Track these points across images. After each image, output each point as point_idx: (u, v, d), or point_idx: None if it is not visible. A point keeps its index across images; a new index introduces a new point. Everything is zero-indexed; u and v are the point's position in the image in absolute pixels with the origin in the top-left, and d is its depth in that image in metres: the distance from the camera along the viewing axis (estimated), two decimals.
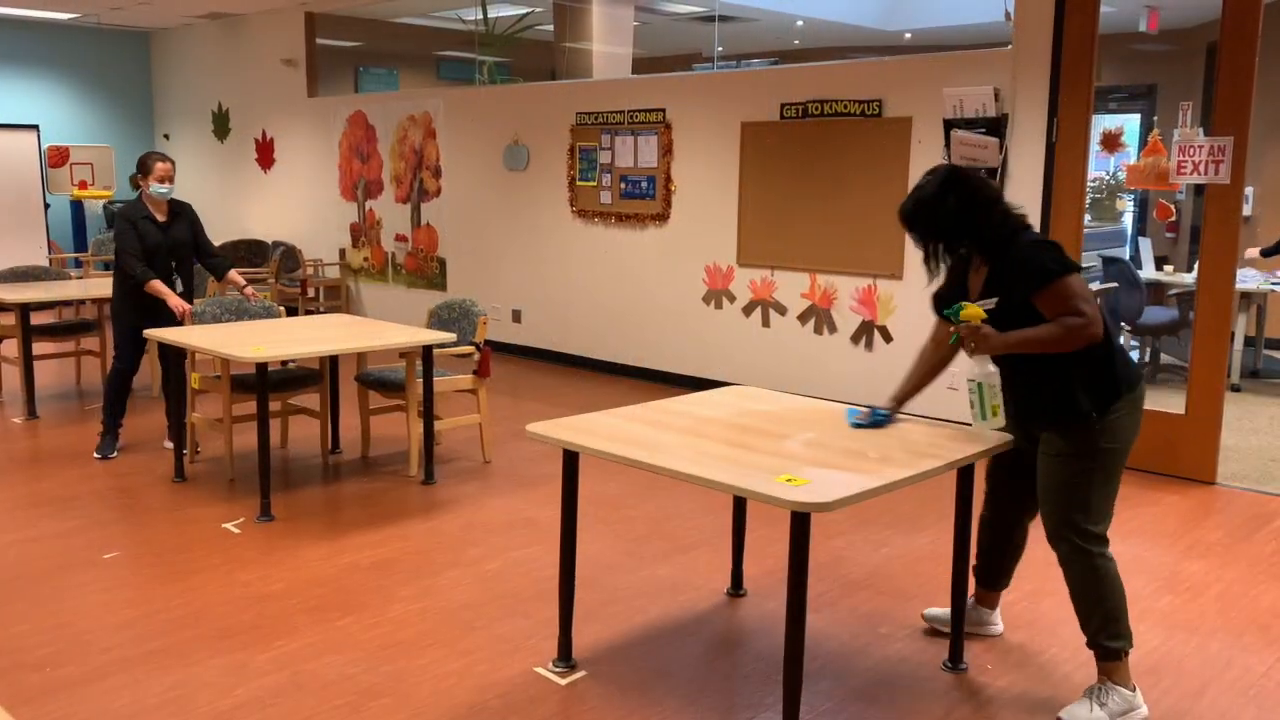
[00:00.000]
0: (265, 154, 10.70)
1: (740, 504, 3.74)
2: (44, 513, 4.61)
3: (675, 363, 7.44)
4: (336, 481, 5.17)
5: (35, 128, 10.97)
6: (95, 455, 5.44)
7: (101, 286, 6.51)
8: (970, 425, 3.09)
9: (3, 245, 10.46)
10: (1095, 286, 7.46)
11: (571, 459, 3.12)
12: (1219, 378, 5.18)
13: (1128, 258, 7.89)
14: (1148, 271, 7.85)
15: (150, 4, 9.91)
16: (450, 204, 8.91)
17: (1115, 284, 7.36)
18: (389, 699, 3.03)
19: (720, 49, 8.30)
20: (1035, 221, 5.59)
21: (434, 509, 4.74)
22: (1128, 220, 10.00)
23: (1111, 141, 5.79)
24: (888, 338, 6.30)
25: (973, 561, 3.40)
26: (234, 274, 5.61)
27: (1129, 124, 9.98)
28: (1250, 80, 4.91)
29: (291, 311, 9.37)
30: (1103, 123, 5.77)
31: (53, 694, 3.03)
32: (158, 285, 5.28)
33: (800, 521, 2.58)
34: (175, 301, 5.28)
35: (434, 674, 3.18)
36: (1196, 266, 5.26)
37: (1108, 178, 9.80)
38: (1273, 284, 7.46)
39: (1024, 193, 5.64)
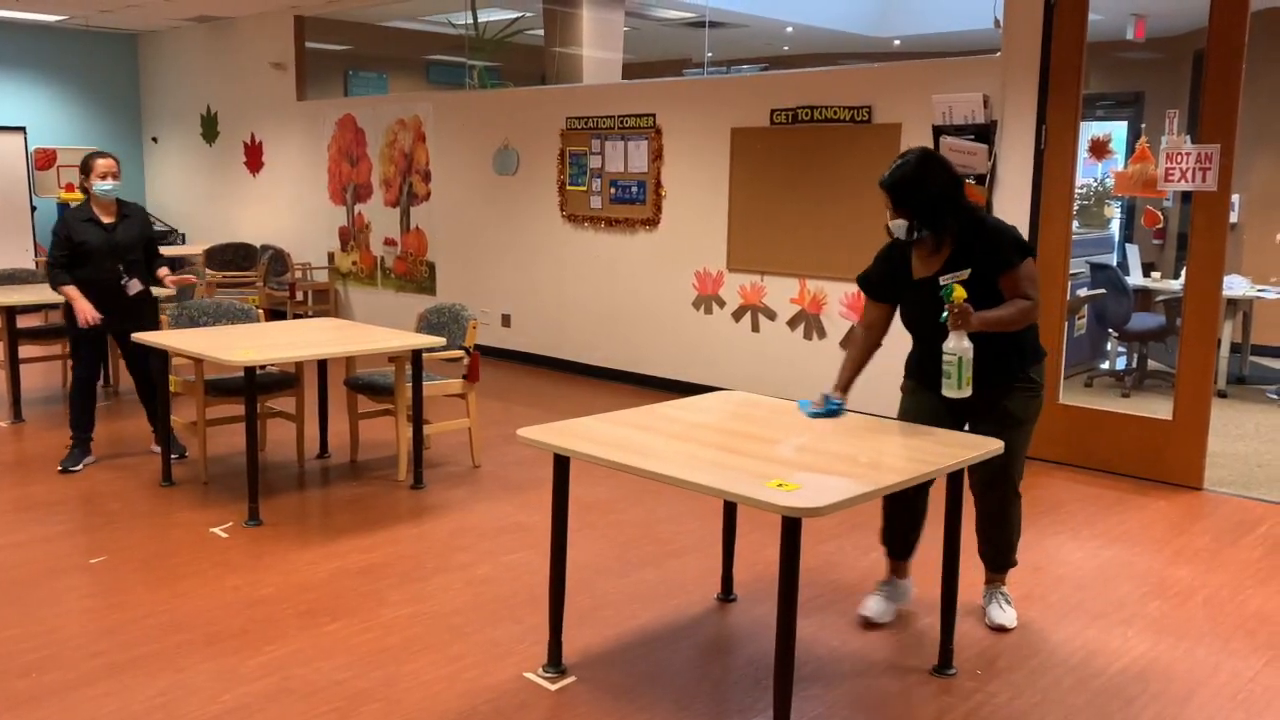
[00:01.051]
0: (254, 157, 10.67)
1: (730, 509, 3.74)
2: (30, 517, 4.58)
3: (665, 368, 7.45)
4: (325, 486, 5.15)
5: (22, 130, 10.92)
6: (73, 468, 5.24)
7: None
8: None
9: None
10: (1083, 293, 7.49)
11: (562, 464, 3.11)
12: (1206, 384, 5.21)
13: (1115, 264, 7.92)
14: (1135, 278, 7.89)
15: (139, 6, 9.88)
16: (440, 208, 8.90)
17: (1103, 290, 7.39)
18: (379, 704, 3.02)
19: (710, 55, 8.31)
20: (1024, 228, 5.63)
21: (423, 514, 4.72)
22: (1115, 227, 10.05)
23: (1099, 148, 5.81)
24: None
25: (881, 537, 3.71)
26: (161, 270, 5.42)
27: (1117, 131, 10.03)
28: (1237, 88, 4.94)
29: (280, 315, 9.37)
30: (1090, 130, 5.80)
31: (39, 700, 3.01)
32: (68, 290, 5.16)
33: (791, 526, 2.58)
34: (81, 306, 5.12)
35: (424, 679, 3.17)
36: (1184, 273, 5.29)
37: (1096, 184, 9.85)
38: (1259, 291, 7.51)
39: (1013, 199, 5.66)
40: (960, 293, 3.05)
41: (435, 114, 8.81)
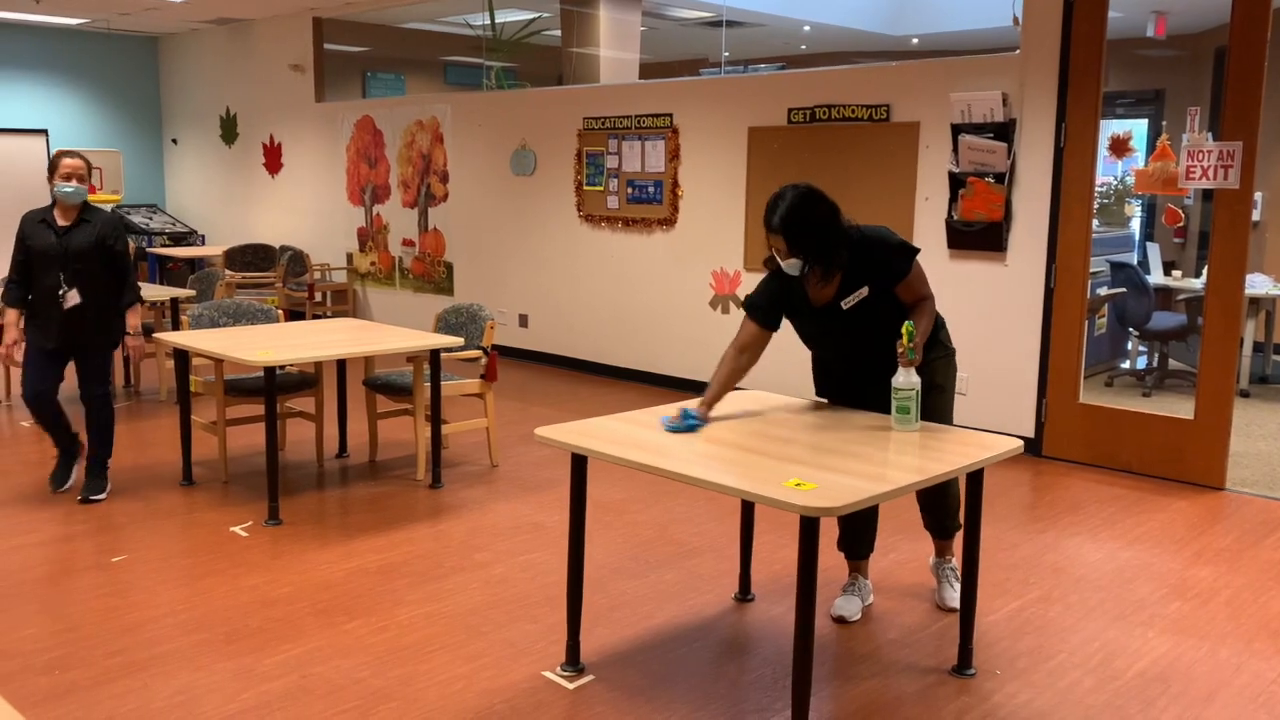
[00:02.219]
0: (273, 159, 10.73)
1: (748, 508, 3.73)
2: (51, 516, 4.62)
3: (682, 367, 7.44)
4: (344, 485, 5.17)
5: (44, 132, 11.02)
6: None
7: None
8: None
9: (11, 249, 10.49)
10: (1103, 291, 7.44)
11: (580, 463, 3.11)
12: (1228, 383, 5.17)
13: (1136, 263, 7.87)
14: (1156, 276, 7.83)
15: (159, 9, 9.95)
16: (457, 209, 8.92)
17: (1123, 289, 7.35)
18: (396, 703, 3.03)
19: (727, 54, 8.30)
20: (1044, 226, 5.60)
21: (441, 513, 4.74)
22: (1136, 225, 9.98)
23: (1120, 146, 5.78)
24: None
25: (837, 543, 3.76)
26: (130, 317, 4.80)
27: (1137, 129, 9.97)
28: (1259, 85, 4.90)
29: (298, 315, 9.41)
30: (1111, 127, 5.76)
31: (60, 698, 3.04)
32: (7, 312, 4.75)
33: (809, 525, 2.57)
34: (8, 339, 4.71)
35: (441, 678, 3.18)
36: (1205, 271, 5.25)
37: (1116, 182, 9.79)
38: None
39: (1032, 197, 5.63)
40: (909, 330, 3.16)
41: (453, 115, 8.83)
